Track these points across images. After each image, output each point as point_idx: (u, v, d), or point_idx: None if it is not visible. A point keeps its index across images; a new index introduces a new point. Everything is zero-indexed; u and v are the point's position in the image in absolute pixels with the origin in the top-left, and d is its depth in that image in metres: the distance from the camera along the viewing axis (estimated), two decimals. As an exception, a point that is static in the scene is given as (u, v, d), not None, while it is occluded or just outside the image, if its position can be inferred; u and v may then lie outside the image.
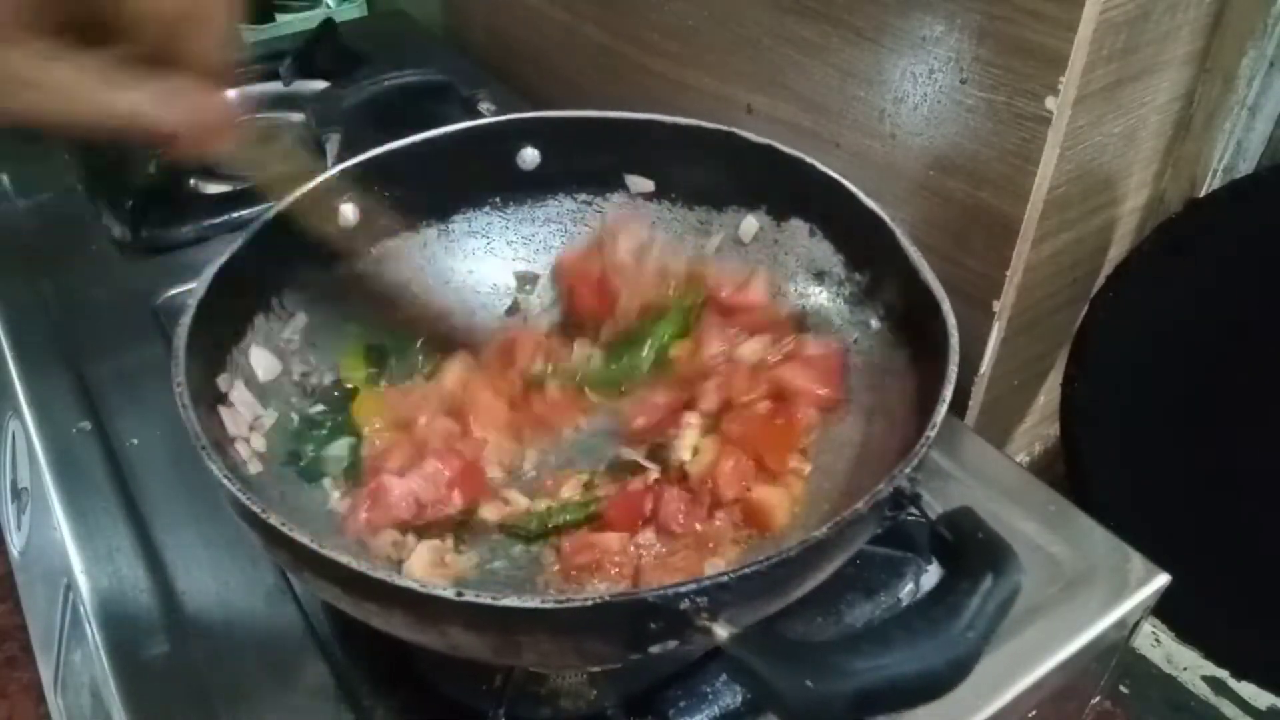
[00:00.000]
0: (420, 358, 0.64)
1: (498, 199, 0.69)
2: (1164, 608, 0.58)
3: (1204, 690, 0.95)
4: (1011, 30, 0.58)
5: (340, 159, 0.65)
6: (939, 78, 0.63)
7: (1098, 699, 0.65)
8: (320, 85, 1.03)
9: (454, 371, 0.62)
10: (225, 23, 0.41)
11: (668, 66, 0.86)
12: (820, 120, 0.73)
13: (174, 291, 0.76)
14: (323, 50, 1.10)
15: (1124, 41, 0.59)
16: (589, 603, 0.38)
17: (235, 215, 0.84)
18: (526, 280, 0.70)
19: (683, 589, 0.37)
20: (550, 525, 0.55)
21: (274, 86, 1.08)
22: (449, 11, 1.24)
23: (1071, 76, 0.57)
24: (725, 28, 0.78)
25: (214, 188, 0.94)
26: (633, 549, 0.53)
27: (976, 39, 0.60)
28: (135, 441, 0.65)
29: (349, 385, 0.62)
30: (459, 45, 1.21)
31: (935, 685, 0.37)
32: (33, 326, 0.75)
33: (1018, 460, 0.73)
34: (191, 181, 0.94)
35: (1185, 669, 0.96)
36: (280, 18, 1.38)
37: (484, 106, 0.90)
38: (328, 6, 1.41)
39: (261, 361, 0.58)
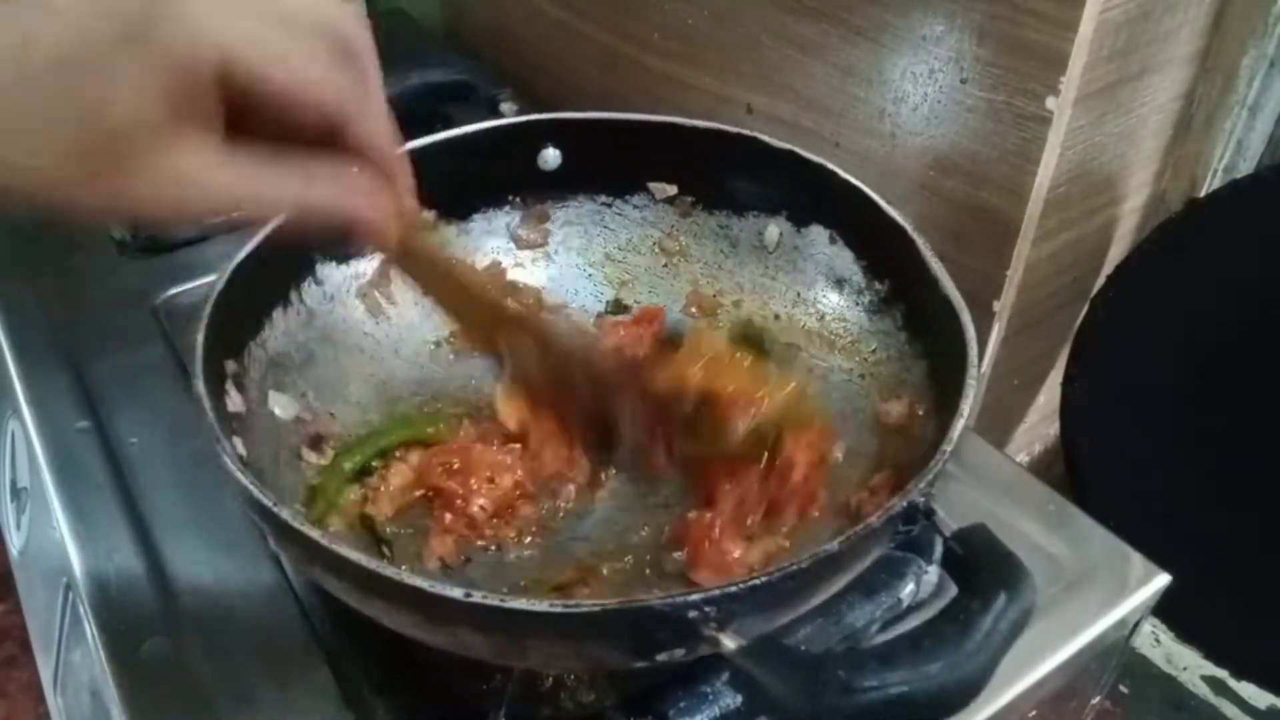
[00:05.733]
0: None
1: (518, 199, 0.69)
2: (1164, 608, 0.58)
3: (1204, 690, 0.95)
4: (1012, 30, 0.58)
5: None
6: (939, 77, 0.63)
7: (1098, 699, 0.64)
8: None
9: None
10: (381, 103, 0.37)
11: (668, 66, 0.86)
12: (820, 120, 0.73)
13: (174, 291, 0.76)
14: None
15: (1124, 41, 0.59)
16: (597, 608, 0.38)
17: (235, 214, 0.84)
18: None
19: (692, 598, 0.37)
20: None
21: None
22: (449, 11, 1.24)
23: (1072, 76, 0.57)
24: (725, 27, 0.78)
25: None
26: None
27: (977, 38, 0.60)
28: (135, 441, 0.65)
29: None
30: (459, 45, 1.21)
31: (943, 705, 0.36)
32: (33, 326, 0.75)
33: (1018, 460, 0.73)
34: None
35: (1185, 669, 0.96)
36: (280, 17, 1.37)
37: (506, 106, 0.90)
38: (327, 6, 1.41)
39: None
